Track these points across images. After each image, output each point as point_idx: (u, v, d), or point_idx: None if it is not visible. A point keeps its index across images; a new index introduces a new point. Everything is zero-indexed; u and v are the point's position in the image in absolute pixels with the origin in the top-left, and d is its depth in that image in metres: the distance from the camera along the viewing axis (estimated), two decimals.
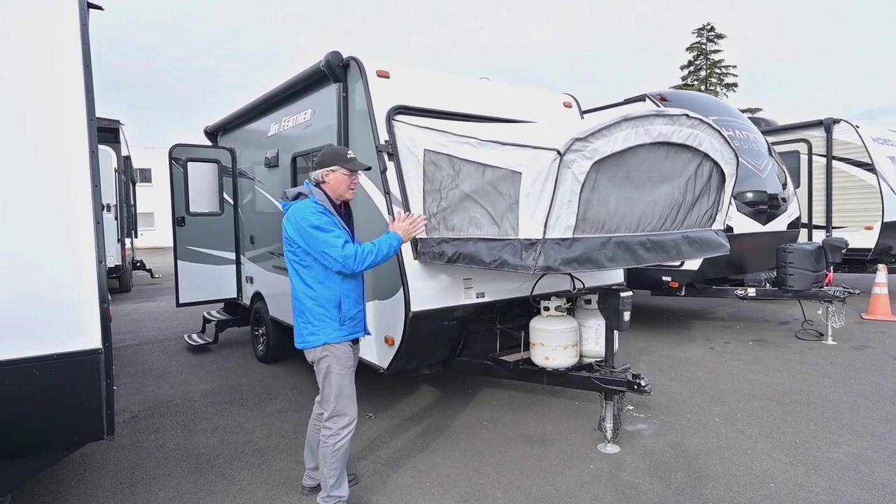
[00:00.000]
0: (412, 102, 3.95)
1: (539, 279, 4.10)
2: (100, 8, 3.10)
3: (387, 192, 3.69)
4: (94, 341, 2.35)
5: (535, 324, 3.91)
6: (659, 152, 3.31)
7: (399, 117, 3.83)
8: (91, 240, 2.32)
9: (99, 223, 2.34)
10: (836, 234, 9.18)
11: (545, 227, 2.91)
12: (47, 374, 2.29)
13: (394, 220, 3.15)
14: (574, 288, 4.09)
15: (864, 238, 8.91)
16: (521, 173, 2.97)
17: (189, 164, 6.26)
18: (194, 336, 6.99)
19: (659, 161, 3.33)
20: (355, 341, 3.05)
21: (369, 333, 3.17)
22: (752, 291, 6.96)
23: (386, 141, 3.75)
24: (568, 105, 5.09)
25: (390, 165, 3.72)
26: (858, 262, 9.21)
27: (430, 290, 3.73)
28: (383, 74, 3.90)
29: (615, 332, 3.86)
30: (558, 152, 2.82)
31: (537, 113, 4.72)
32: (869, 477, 3.30)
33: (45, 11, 2.36)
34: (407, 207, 3.67)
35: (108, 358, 2.38)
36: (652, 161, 3.28)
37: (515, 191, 3.01)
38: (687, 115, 3.34)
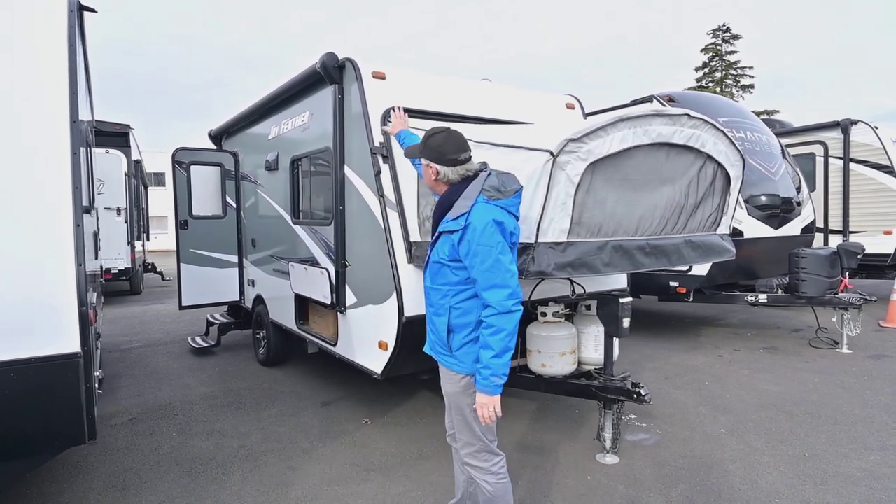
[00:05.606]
0: (408, 104, 3.88)
1: (537, 284, 4.00)
2: (93, 10, 3.09)
3: (381, 196, 3.63)
4: (73, 345, 2.31)
5: (532, 330, 3.81)
6: (659, 153, 3.21)
7: None
8: (70, 243, 2.28)
9: (79, 226, 2.31)
10: (853, 238, 8.93)
11: (538, 230, 2.83)
12: (26, 377, 2.26)
13: None
14: (573, 293, 3.99)
15: (882, 243, 8.66)
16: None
17: (192, 167, 6.29)
18: (197, 339, 7.01)
19: (659, 163, 3.23)
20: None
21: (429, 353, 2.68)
22: (763, 297, 6.78)
23: (381, 143, 3.69)
24: (570, 106, 4.99)
25: (385, 168, 3.66)
26: (877, 267, 8.95)
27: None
28: (379, 76, 3.85)
29: (615, 339, 3.75)
30: (551, 153, 2.74)
31: (538, 115, 4.63)
32: (881, 494, 3.15)
33: (30, 7, 2.34)
34: (401, 210, 3.61)
35: (87, 362, 2.35)
36: (651, 163, 3.19)
37: None
38: (689, 115, 3.24)
